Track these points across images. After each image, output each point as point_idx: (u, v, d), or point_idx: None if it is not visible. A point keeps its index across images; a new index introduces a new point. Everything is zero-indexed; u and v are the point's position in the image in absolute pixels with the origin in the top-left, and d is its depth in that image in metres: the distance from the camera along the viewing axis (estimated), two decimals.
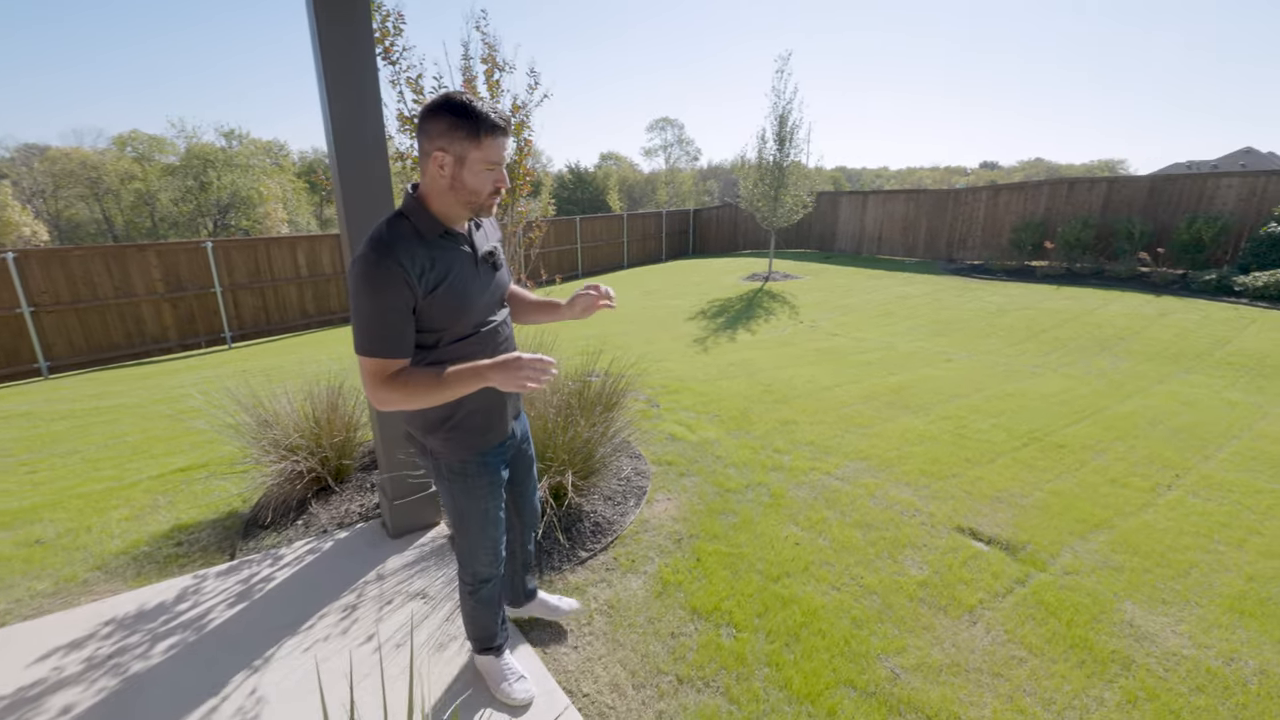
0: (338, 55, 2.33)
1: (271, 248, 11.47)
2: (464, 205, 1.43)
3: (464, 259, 1.50)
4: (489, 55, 3.27)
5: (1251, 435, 4.33)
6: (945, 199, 14.90)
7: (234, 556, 2.80)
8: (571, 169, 46.88)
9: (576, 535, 2.93)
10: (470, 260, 1.51)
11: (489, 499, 1.73)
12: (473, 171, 1.37)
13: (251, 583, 2.54)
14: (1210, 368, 6.01)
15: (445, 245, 1.46)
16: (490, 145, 1.36)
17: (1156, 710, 2.01)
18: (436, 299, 1.43)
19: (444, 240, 1.46)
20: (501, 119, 1.37)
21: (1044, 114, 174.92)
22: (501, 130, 1.37)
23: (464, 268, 1.49)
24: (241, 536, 2.99)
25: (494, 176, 1.41)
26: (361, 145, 2.47)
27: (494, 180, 1.41)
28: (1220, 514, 3.26)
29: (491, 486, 1.72)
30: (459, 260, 1.48)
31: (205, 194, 35.92)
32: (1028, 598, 2.58)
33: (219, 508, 3.34)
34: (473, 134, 1.34)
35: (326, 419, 3.38)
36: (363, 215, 2.53)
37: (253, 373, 7.51)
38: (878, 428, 4.56)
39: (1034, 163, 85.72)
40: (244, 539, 2.95)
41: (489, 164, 1.38)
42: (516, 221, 3.58)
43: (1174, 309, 8.63)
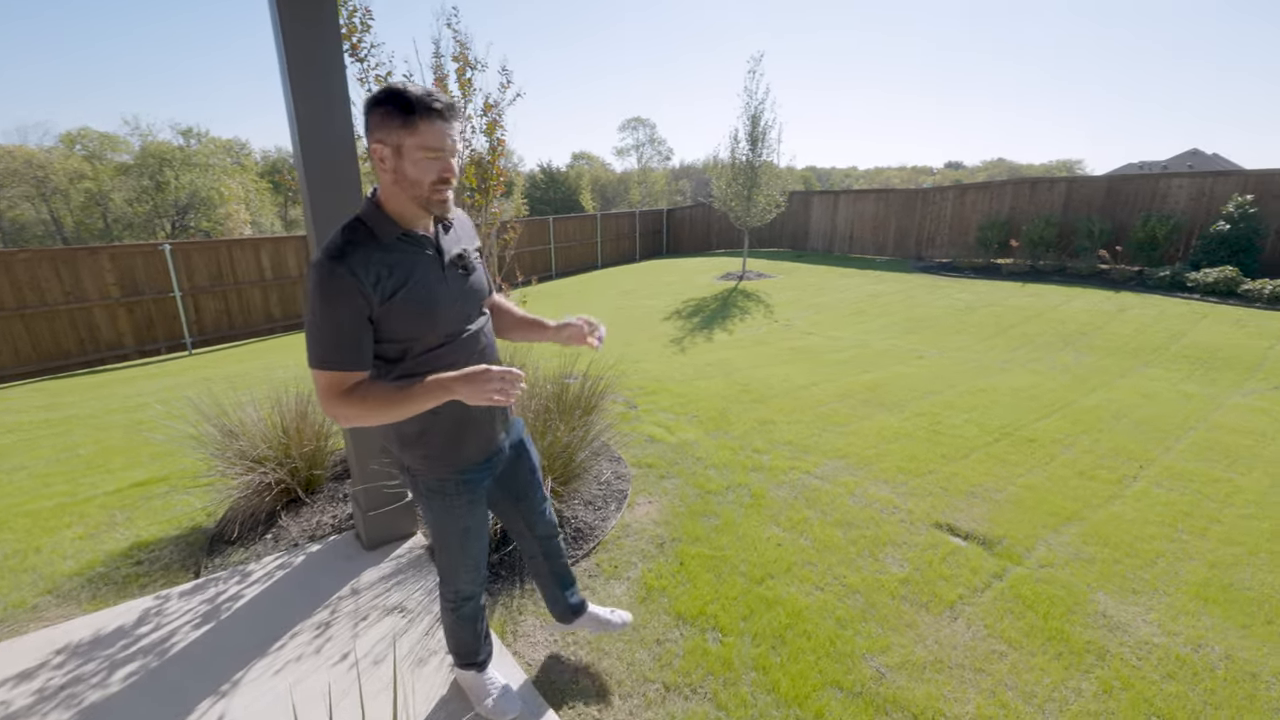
0: (303, 52, 2.24)
1: (234, 250, 11.09)
2: (411, 200, 1.33)
3: (427, 263, 1.41)
4: (461, 53, 3.20)
5: (1207, 426, 4.49)
6: (914, 198, 15.20)
7: (198, 574, 2.68)
8: (543, 169, 46.57)
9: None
10: (435, 264, 1.42)
11: (469, 517, 1.65)
12: (411, 160, 1.27)
13: (218, 602, 2.43)
14: (1167, 361, 6.24)
15: (405, 249, 1.37)
16: (426, 130, 1.25)
17: (1131, 699, 2.06)
18: (395, 306, 1.34)
19: (403, 243, 1.37)
20: (437, 101, 1.26)
21: (1006, 114, 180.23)
22: (437, 113, 1.26)
23: (427, 272, 1.40)
24: (206, 553, 2.86)
25: (438, 165, 1.29)
26: (329, 145, 2.38)
27: (439, 170, 1.29)
28: (1182, 504, 3.37)
29: (472, 504, 1.65)
30: (421, 264, 1.39)
31: (162, 194, 34.64)
32: (1005, 592, 2.63)
33: (181, 523, 3.20)
34: (406, 120, 1.25)
35: (295, 428, 3.27)
36: (330, 217, 2.44)
37: (216, 380, 7.25)
38: (854, 425, 4.60)
39: (996, 162, 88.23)
40: (209, 555, 2.83)
41: (427, 150, 1.27)
42: (491, 223, 3.50)
43: (1132, 305, 8.95)
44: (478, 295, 1.56)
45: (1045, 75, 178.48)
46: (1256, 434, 4.33)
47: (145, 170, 34.41)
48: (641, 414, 4.92)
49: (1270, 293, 8.47)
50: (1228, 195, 10.23)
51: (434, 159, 1.29)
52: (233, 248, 11.10)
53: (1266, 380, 5.58)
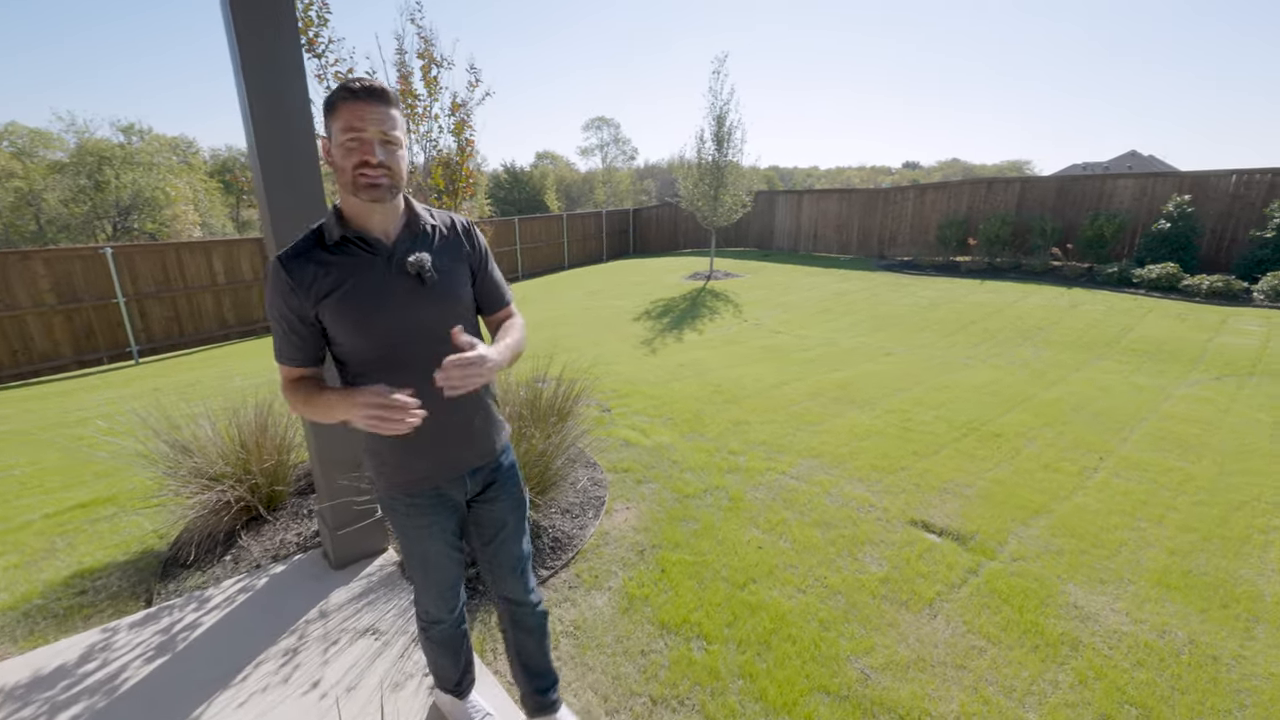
0: (257, 46, 2.12)
1: (183, 253, 10.57)
2: (345, 188, 1.28)
3: (368, 265, 1.33)
4: (425, 50, 3.09)
5: (1158, 416, 4.69)
6: (876, 198, 15.54)
7: (150, 603, 2.51)
8: (507, 169, 45.96)
9: (536, 553, 2.81)
10: (377, 267, 1.33)
11: (425, 542, 1.54)
12: (338, 145, 1.26)
13: (173, 632, 2.27)
14: (1119, 354, 6.51)
15: (350, 251, 1.33)
16: (346, 110, 1.23)
17: (1105, 688, 2.11)
18: (328, 309, 1.32)
19: (347, 245, 1.33)
20: (360, 83, 1.25)
21: (960, 115, 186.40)
22: (353, 93, 1.24)
23: (366, 276, 1.32)
24: (159, 578, 2.68)
25: (357, 147, 1.24)
26: (287, 145, 2.26)
27: (359, 152, 1.24)
28: (1140, 493, 3.50)
29: (426, 531, 1.52)
30: (363, 268, 1.32)
31: (101, 194, 32.83)
32: (981, 587, 2.67)
33: (130, 547, 3.00)
34: (331, 107, 1.26)
35: (255, 442, 3.10)
36: (290, 218, 2.32)
37: (166, 390, 6.88)
38: (827, 424, 4.65)
39: (951, 162, 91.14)
40: (162, 581, 2.66)
41: (347, 131, 1.23)
42: None
43: (1084, 300, 9.33)
44: (448, 310, 1.40)
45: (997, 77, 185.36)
46: (1203, 423, 4.54)
47: (82, 169, 32.52)
48: (615, 417, 4.87)
49: (1207, 287, 8.94)
50: (1167, 195, 10.77)
51: (354, 142, 1.24)
52: (181, 251, 10.58)
53: (1208, 371, 5.87)
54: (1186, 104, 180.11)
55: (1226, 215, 10.36)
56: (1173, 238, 10.25)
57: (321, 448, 2.56)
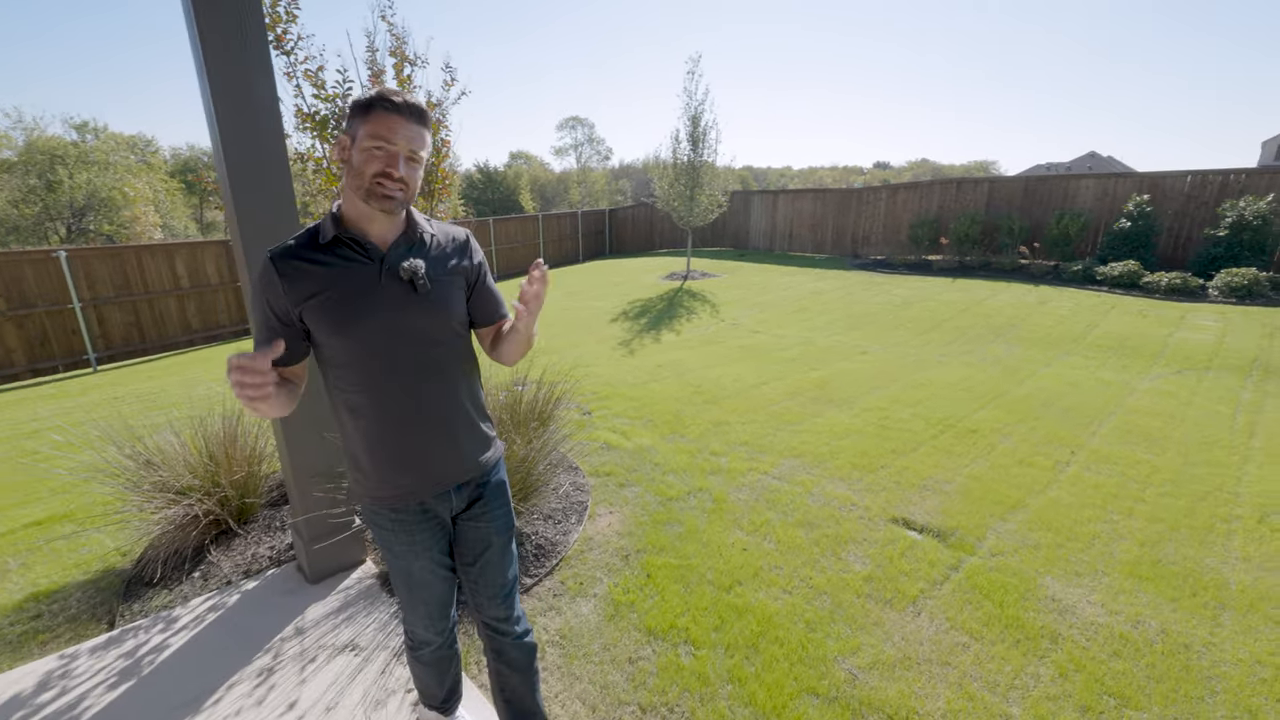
0: (221, 42, 2.03)
1: (143, 256, 10.19)
2: (355, 191, 1.27)
3: (360, 269, 1.31)
4: (397, 48, 3.01)
5: (1124, 411, 4.84)
6: (849, 198, 15.76)
7: (113, 625, 2.39)
8: (480, 169, 45.44)
9: (519, 560, 2.76)
10: (370, 271, 1.31)
11: (412, 559, 1.47)
12: (360, 149, 1.25)
13: (138, 655, 2.17)
14: (1085, 350, 6.70)
15: (342, 252, 1.31)
16: (379, 119, 1.23)
17: (1085, 680, 2.15)
18: (311, 309, 1.30)
19: (339, 246, 1.31)
20: (397, 95, 1.26)
21: (929, 116, 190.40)
22: (394, 105, 1.24)
23: (355, 278, 1.30)
24: (122, 599, 2.56)
25: (382, 156, 1.24)
26: (255, 145, 2.17)
27: (383, 161, 1.24)
28: (1110, 486, 3.60)
29: (411, 548, 1.46)
30: (352, 270, 1.30)
31: (54, 194, 31.51)
32: (963, 583, 2.71)
33: (91, 567, 2.86)
34: (364, 111, 1.25)
35: (224, 453, 2.99)
36: (259, 220, 2.23)
37: (126, 399, 6.63)
38: (806, 423, 4.68)
39: (920, 163, 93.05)
40: (126, 601, 2.54)
41: (375, 139, 1.23)
42: None
43: (1051, 297, 9.59)
44: (442, 318, 1.38)
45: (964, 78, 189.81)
46: (1166, 416, 4.69)
47: (32, 168, 31.16)
48: (596, 420, 4.83)
49: (1166, 284, 9.27)
50: (1127, 195, 11.13)
51: (379, 151, 1.24)
52: (142, 254, 10.19)
53: (1169, 365, 6.07)
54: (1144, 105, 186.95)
55: (1182, 214, 10.75)
56: (1133, 236, 10.60)
57: (295, 459, 2.47)
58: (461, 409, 1.46)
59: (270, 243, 2.28)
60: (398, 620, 2.38)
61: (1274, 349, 6.50)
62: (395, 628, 2.33)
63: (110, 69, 75.47)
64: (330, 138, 2.74)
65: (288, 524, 3.03)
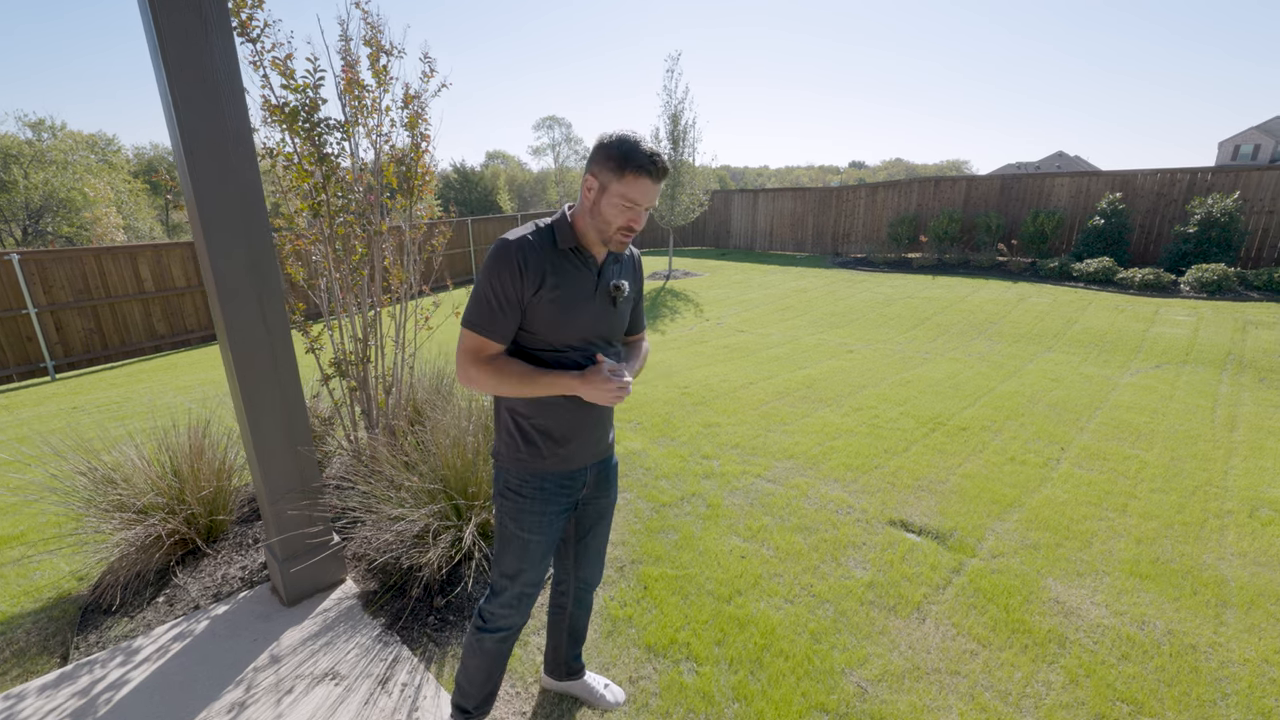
0: (180, 29, 1.86)
1: (104, 259, 9.75)
2: (596, 230, 1.46)
3: (584, 278, 1.51)
4: (373, 37, 2.85)
5: (1110, 406, 4.87)
6: (829, 196, 15.84)
7: (66, 659, 2.20)
8: (457, 168, 44.86)
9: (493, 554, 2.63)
10: (590, 283, 1.52)
11: (537, 531, 1.60)
12: (610, 202, 1.41)
13: (94, 693, 1.99)
14: (1066, 346, 6.77)
15: (572, 259, 1.49)
16: (636, 183, 1.38)
17: (1096, 686, 2.10)
18: (543, 302, 1.45)
19: (573, 254, 1.49)
20: (654, 164, 1.38)
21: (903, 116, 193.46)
22: (648, 172, 1.38)
23: (579, 285, 1.50)
24: (78, 629, 2.37)
25: (629, 214, 1.42)
26: (218, 140, 2.01)
27: (627, 218, 1.42)
28: (1102, 482, 3.59)
29: (543, 520, 1.60)
30: (579, 278, 1.50)
31: (8, 195, 30.26)
32: (965, 586, 2.65)
33: (42, 593, 2.65)
34: (620, 166, 1.38)
35: (190, 468, 2.81)
36: (226, 218, 2.07)
37: (87, 409, 6.31)
38: (797, 424, 4.62)
39: (895, 162, 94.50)
40: (82, 632, 2.34)
41: (626, 200, 1.40)
42: (417, 227, 3.17)
43: (1029, 294, 9.71)
44: (616, 326, 1.61)
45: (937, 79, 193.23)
46: (1150, 411, 4.73)
47: None
48: None
49: (1140, 280, 9.45)
50: (1101, 193, 11.35)
51: (630, 208, 1.41)
52: (103, 257, 9.76)
53: (1148, 360, 6.16)
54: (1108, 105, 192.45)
55: (1153, 212, 11.00)
56: (1106, 233, 10.81)
57: (268, 475, 2.31)
58: None
59: (237, 242, 2.13)
60: (381, 644, 2.24)
61: (1246, 343, 6.65)
62: (379, 653, 2.19)
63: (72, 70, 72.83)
64: (300, 131, 2.58)
65: (260, 541, 2.85)
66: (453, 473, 2.64)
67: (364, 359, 3.04)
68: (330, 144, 2.67)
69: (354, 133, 2.78)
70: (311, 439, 2.40)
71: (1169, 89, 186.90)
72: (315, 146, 2.62)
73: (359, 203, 2.84)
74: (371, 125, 2.94)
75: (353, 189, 2.82)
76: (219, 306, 2.10)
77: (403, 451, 2.79)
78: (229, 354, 2.16)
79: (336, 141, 2.69)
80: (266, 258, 2.16)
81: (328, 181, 2.67)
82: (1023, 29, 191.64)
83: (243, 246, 2.11)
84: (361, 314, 3.01)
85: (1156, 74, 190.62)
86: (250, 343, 2.17)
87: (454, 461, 2.66)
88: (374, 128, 2.94)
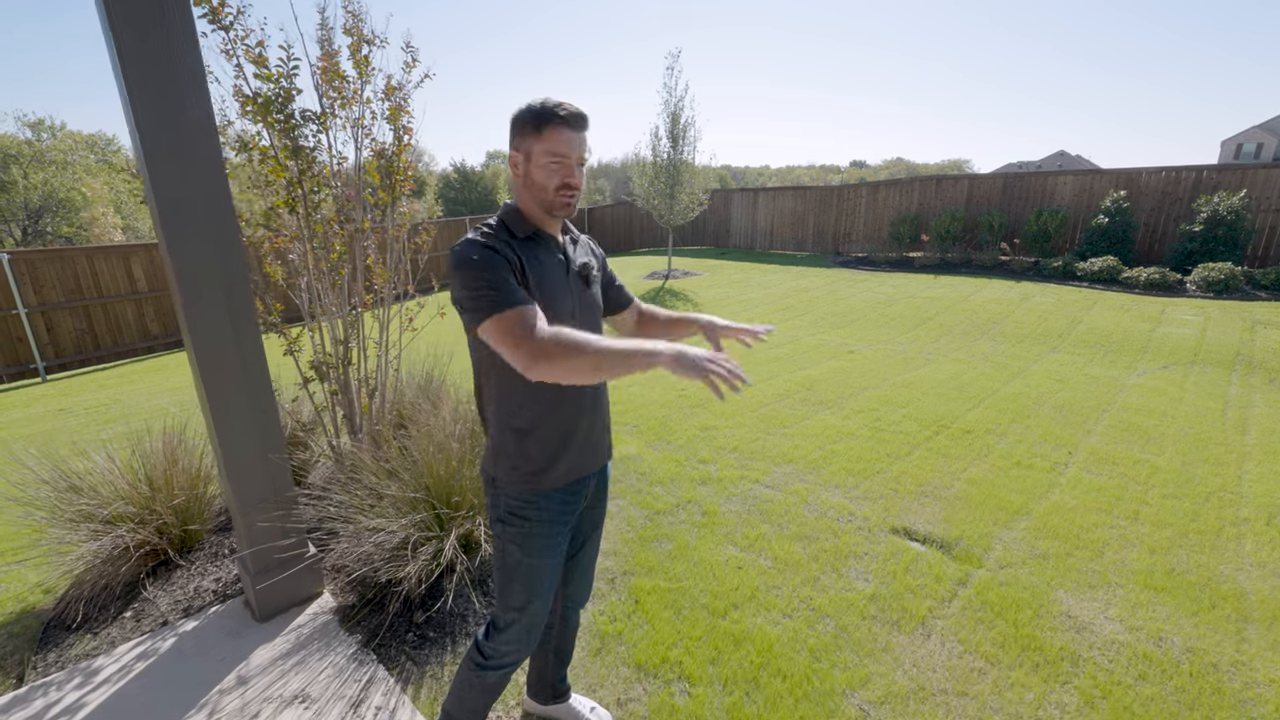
0: (133, 9, 1.75)
1: (95, 259, 9.65)
2: (537, 204, 1.38)
3: (555, 264, 1.43)
4: (354, 25, 2.73)
5: (1118, 408, 4.74)
6: (830, 195, 15.70)
7: (22, 680, 2.08)
8: (457, 168, 44.77)
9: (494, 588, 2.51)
10: (561, 268, 1.44)
11: (545, 554, 1.48)
12: (538, 165, 1.35)
13: (47, 718, 1.87)
14: (1071, 346, 6.64)
15: (535, 247, 1.40)
16: (552, 135, 1.32)
17: (1114, 709, 1.98)
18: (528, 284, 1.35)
19: (534, 242, 1.41)
20: (564, 109, 1.32)
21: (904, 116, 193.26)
22: (563, 120, 1.31)
23: (553, 273, 1.42)
24: (38, 646, 2.25)
25: (561, 171, 1.34)
26: (180, 130, 1.89)
27: (561, 175, 1.34)
28: (1112, 488, 3.46)
29: (552, 542, 1.49)
30: (550, 265, 1.42)
31: (7, 195, 30.19)
32: (972, 599, 2.53)
33: (5, 607, 2.53)
34: (536, 127, 1.32)
35: (163, 475, 2.69)
36: (189, 217, 1.95)
37: (74, 411, 6.20)
38: (797, 427, 4.50)
39: (896, 161, 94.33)
40: (41, 650, 2.22)
41: (552, 156, 1.33)
42: (400, 225, 3.05)
43: (1033, 293, 9.58)
44: (594, 309, 1.55)
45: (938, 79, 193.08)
46: (1159, 413, 4.60)
47: None
48: None
49: (1145, 279, 9.32)
50: (1105, 192, 11.21)
51: (557, 165, 1.34)
52: (94, 257, 9.65)
53: (1155, 360, 6.03)
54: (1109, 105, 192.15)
55: (1158, 210, 10.86)
56: (1111, 232, 10.67)
57: (238, 484, 2.19)
58: (606, 396, 1.61)
59: (201, 240, 2.00)
60: (357, 664, 2.12)
61: (1255, 343, 6.51)
62: (353, 674, 2.07)
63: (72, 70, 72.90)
64: (275, 123, 2.46)
65: (234, 555, 2.73)
66: (436, 480, 2.52)
67: (345, 361, 2.92)
68: (306, 136, 2.55)
69: (331, 124, 2.66)
70: (285, 447, 2.28)
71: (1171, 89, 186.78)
72: (290, 139, 2.50)
73: (337, 198, 2.72)
74: (354, 118, 2.82)
75: (329, 183, 2.70)
76: (182, 308, 1.98)
77: (385, 458, 2.67)
78: (194, 358, 2.04)
79: (313, 134, 2.58)
80: (233, 257, 2.04)
81: (303, 176, 2.55)
82: (1024, 29, 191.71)
83: (208, 245, 1.99)
84: (342, 315, 2.89)
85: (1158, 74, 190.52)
86: (217, 346, 2.05)
87: (437, 469, 2.54)
88: (356, 120, 2.82)
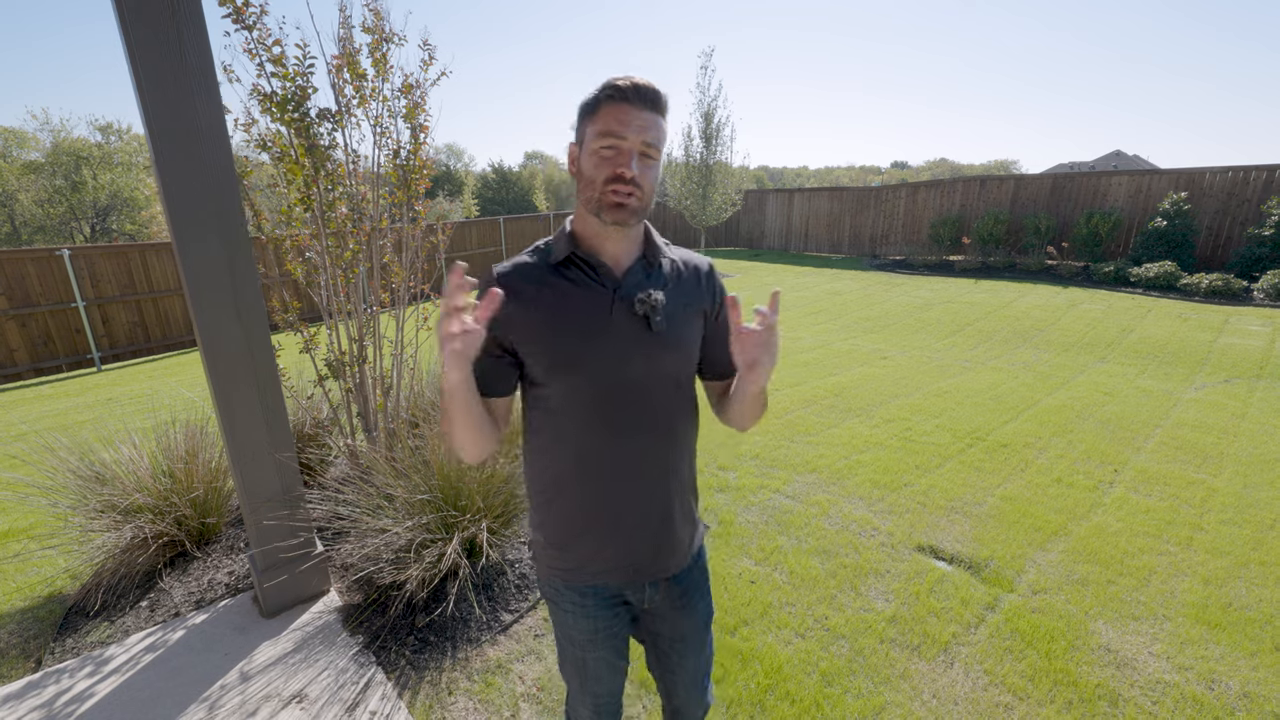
0: (144, 4, 1.77)
1: (148, 255, 10.10)
2: (586, 206, 1.07)
3: (591, 295, 1.09)
4: (375, 24, 2.74)
5: (1171, 424, 4.43)
6: (867, 196, 15.31)
7: (40, 665, 2.14)
8: (495, 168, 45.48)
9: (498, 593, 2.47)
10: (603, 300, 1.09)
11: (586, 648, 1.24)
12: (590, 152, 1.03)
13: (57, 706, 1.91)
14: (1121, 356, 6.27)
15: (570, 272, 1.10)
16: (606, 113, 1.01)
17: None
18: (535, 328, 1.08)
19: (569, 267, 1.10)
20: (629, 81, 1.01)
21: (948, 116, 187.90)
22: (620, 92, 1.00)
23: (584, 304, 1.08)
24: (58, 632, 2.31)
25: (612, 157, 1.01)
26: (190, 127, 1.91)
27: (612, 165, 1.01)
28: (1162, 510, 3.22)
29: (590, 636, 1.23)
30: (584, 294, 1.09)
31: (78, 195, 32.04)
32: (1001, 626, 2.37)
33: (35, 590, 2.63)
34: (592, 107, 1.03)
35: (184, 469, 2.75)
36: (198, 214, 1.97)
37: (120, 401, 6.48)
38: (823, 434, 4.35)
39: (939, 162, 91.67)
40: (60, 636, 2.29)
41: (604, 136, 1.01)
42: (415, 223, 3.05)
43: (1081, 300, 9.11)
44: (663, 357, 1.12)
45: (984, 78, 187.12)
46: (1219, 431, 4.28)
47: (58, 169, 31.73)
48: None
49: (1207, 286, 8.75)
50: (1163, 193, 10.59)
51: (609, 150, 1.02)
52: (146, 253, 10.11)
53: (1214, 374, 5.63)
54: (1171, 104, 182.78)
55: (1222, 213, 10.20)
56: (1169, 236, 10.07)
57: (248, 482, 2.20)
58: (679, 477, 1.20)
59: (210, 238, 2.02)
60: (357, 665, 2.10)
61: None
62: (352, 675, 2.06)
63: None
64: (291, 121, 2.47)
65: (245, 551, 2.77)
66: (444, 482, 2.50)
67: (360, 359, 2.93)
68: (321, 135, 2.56)
69: (346, 123, 2.67)
70: (293, 446, 2.29)
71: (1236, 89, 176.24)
72: (306, 137, 2.51)
73: (352, 196, 2.73)
74: (373, 116, 2.82)
75: (344, 182, 2.71)
76: (192, 306, 2.00)
77: (395, 458, 2.67)
78: (204, 356, 2.06)
79: (328, 132, 2.59)
80: (242, 255, 2.06)
81: (318, 174, 2.56)
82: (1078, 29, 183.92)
83: (217, 242, 2.01)
84: (356, 312, 2.90)
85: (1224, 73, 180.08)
86: (226, 345, 2.07)
87: (447, 470, 2.52)
88: (375, 118, 2.83)
